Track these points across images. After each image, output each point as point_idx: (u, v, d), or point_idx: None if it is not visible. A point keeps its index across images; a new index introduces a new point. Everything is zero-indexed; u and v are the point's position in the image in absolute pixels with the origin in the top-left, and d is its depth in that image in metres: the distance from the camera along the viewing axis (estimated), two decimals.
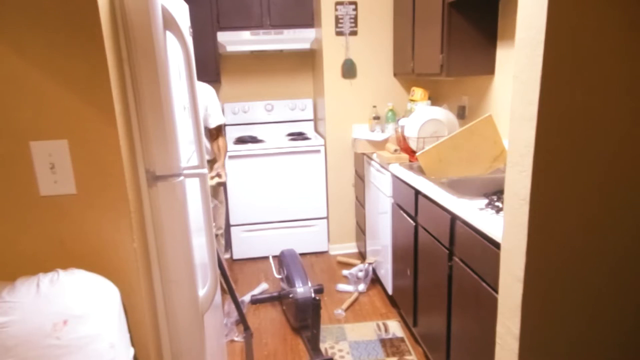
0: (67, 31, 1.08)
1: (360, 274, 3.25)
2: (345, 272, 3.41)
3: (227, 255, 3.94)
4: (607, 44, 1.06)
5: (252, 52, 3.93)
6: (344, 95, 3.68)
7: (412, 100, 3.39)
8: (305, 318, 2.71)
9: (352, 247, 3.96)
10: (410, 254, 2.48)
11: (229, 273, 3.56)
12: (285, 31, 3.80)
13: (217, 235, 3.31)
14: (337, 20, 3.54)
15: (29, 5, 1.05)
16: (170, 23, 1.30)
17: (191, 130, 1.66)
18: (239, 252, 3.87)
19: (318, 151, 3.74)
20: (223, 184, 3.15)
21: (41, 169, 1.13)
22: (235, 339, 2.74)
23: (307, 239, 3.91)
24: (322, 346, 2.62)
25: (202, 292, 1.48)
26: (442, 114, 2.78)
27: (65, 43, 1.08)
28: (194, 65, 1.55)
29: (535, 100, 1.08)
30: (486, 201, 1.84)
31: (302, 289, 2.72)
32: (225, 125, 4.12)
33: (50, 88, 1.10)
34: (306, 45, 3.77)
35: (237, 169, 3.68)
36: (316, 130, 4.25)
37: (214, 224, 3.32)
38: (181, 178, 1.33)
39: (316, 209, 3.86)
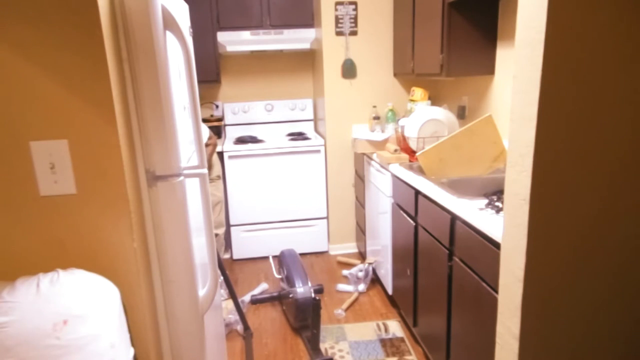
0: (67, 31, 1.08)
1: (360, 274, 3.25)
2: (345, 272, 3.41)
3: (227, 255, 3.94)
4: (607, 44, 1.06)
5: (252, 52, 3.93)
6: (344, 95, 3.68)
7: (412, 100, 3.39)
8: (305, 318, 2.71)
9: (352, 247, 3.96)
10: (410, 254, 2.48)
11: (229, 273, 3.56)
12: (285, 31, 3.80)
13: (217, 235, 3.31)
14: (337, 20, 3.54)
15: (29, 5, 1.05)
16: (170, 23, 1.30)
17: (191, 130, 1.66)
18: (239, 252, 3.87)
19: (318, 151, 3.74)
20: None
21: (41, 169, 1.13)
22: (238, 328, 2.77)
23: (307, 239, 3.91)
24: (322, 346, 2.62)
25: (202, 292, 1.48)
26: (442, 114, 2.78)
27: (65, 43, 1.08)
28: (194, 65, 1.55)
29: (535, 100, 1.08)
30: (486, 201, 1.84)
31: (302, 289, 2.72)
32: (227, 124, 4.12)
33: (51, 88, 1.10)
34: (306, 45, 3.77)
35: (237, 169, 3.68)
36: (316, 130, 4.25)
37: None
38: (181, 178, 1.33)
39: (316, 209, 3.86)
